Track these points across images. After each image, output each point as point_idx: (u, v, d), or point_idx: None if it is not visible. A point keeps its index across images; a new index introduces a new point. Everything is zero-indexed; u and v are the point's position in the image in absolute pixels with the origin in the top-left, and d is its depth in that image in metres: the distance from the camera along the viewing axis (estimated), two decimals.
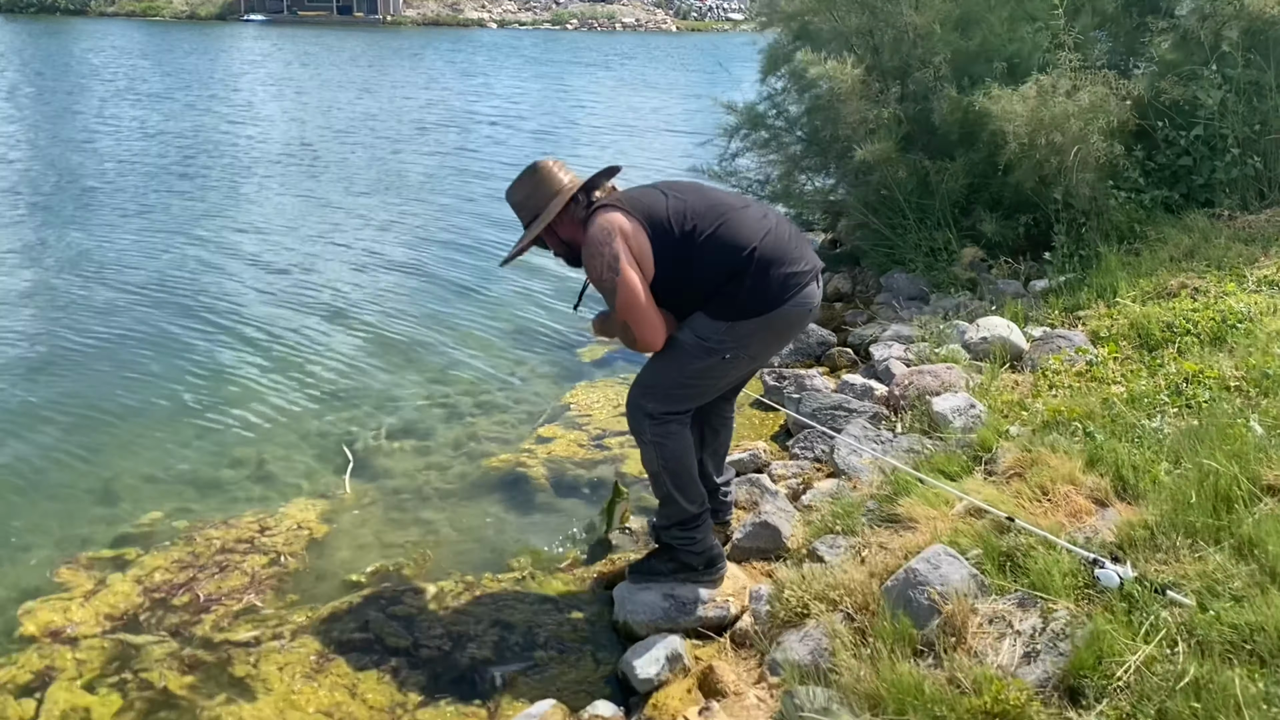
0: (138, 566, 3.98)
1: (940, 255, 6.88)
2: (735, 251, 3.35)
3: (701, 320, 3.41)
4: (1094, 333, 5.41)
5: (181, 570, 3.94)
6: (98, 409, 5.54)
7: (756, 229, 3.41)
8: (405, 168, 13.01)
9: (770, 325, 3.41)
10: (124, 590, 3.80)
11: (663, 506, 3.64)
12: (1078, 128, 6.10)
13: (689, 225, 3.39)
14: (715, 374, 3.49)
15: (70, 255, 8.57)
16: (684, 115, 18.59)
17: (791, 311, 3.41)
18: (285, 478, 4.81)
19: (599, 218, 3.40)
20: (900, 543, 3.53)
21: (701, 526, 3.60)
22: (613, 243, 3.32)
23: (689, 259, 3.38)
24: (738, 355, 3.44)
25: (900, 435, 4.54)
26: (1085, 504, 3.53)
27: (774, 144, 7.85)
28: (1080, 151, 6.21)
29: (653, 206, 3.44)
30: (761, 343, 3.48)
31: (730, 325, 3.37)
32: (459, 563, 4.07)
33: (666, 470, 3.51)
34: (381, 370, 6.19)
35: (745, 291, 3.35)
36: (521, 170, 3.56)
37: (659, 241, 3.38)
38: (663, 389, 3.47)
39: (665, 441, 3.48)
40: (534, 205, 3.52)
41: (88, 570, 3.96)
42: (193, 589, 3.81)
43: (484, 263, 8.57)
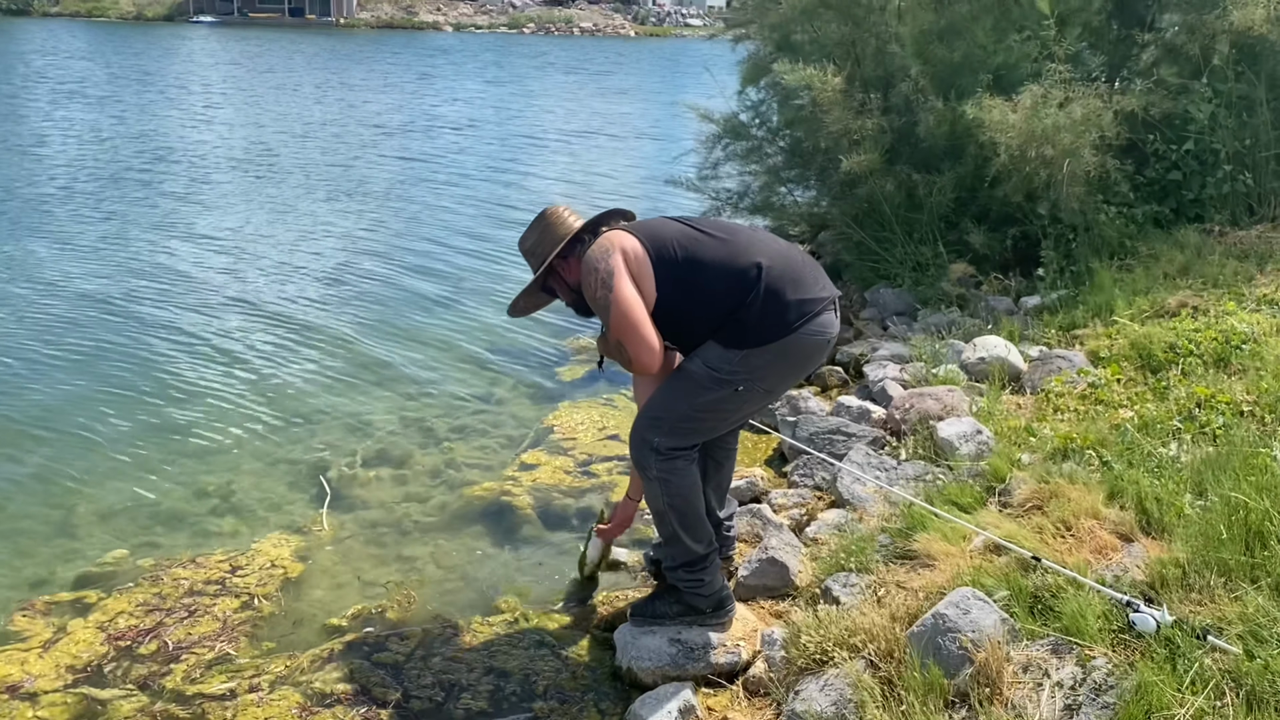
0: (100, 610, 3.69)
1: (928, 270, 6.74)
2: (740, 273, 3.16)
3: (713, 349, 3.21)
4: (1093, 353, 5.28)
5: (148, 614, 3.65)
6: (54, 431, 5.24)
7: (765, 251, 3.22)
8: (369, 174, 12.72)
9: (785, 354, 3.20)
10: (85, 638, 3.51)
11: (667, 545, 3.42)
12: (1069, 141, 5.98)
13: (694, 248, 3.21)
14: (726, 407, 3.28)
15: (21, 265, 8.21)
16: (651, 121, 18.45)
17: (807, 340, 3.20)
18: (256, 510, 4.54)
19: (600, 239, 3.23)
20: (920, 582, 3.34)
21: (710, 567, 3.38)
22: (609, 258, 3.13)
23: (692, 282, 3.18)
24: (751, 388, 3.23)
25: (905, 462, 4.36)
26: (1110, 539, 3.37)
27: (755, 154, 7.68)
28: (1071, 165, 6.09)
29: (658, 230, 3.27)
30: (777, 374, 3.27)
31: (744, 355, 3.17)
32: (445, 603, 3.82)
33: (673, 509, 3.29)
34: (352, 390, 5.93)
35: (756, 317, 3.15)
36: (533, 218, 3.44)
37: (662, 264, 3.19)
38: (670, 422, 3.26)
39: (671, 478, 3.27)
40: (542, 251, 3.35)
41: (45, 616, 3.66)
42: (160, 635, 3.53)
43: (455, 275, 8.32)
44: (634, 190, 11.54)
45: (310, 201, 11.01)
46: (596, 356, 6.31)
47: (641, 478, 3.37)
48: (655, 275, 3.18)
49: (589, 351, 6.54)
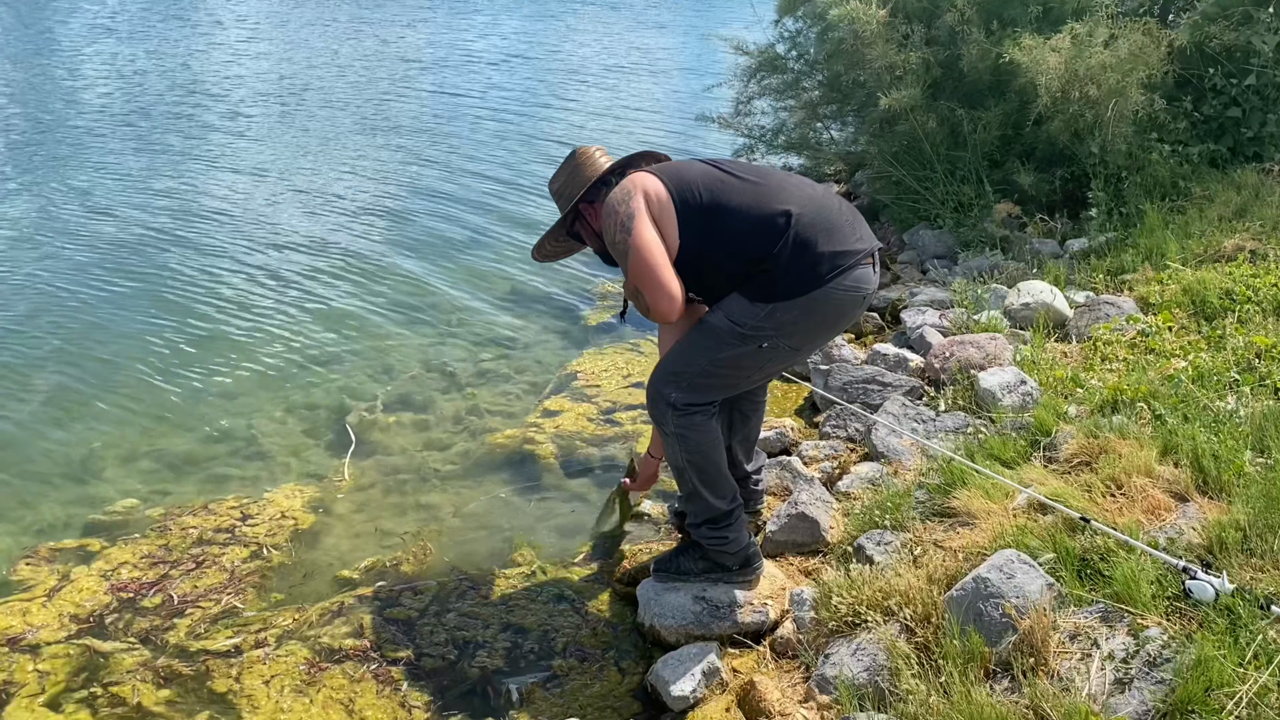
0: (103, 559, 3.60)
1: (970, 211, 6.45)
2: (769, 220, 2.93)
3: (737, 302, 2.99)
4: (1143, 299, 5.02)
5: (153, 565, 3.56)
6: (75, 369, 5.18)
7: (796, 196, 2.99)
8: (402, 109, 12.44)
9: (815, 310, 2.98)
10: (89, 587, 3.42)
11: (689, 502, 3.25)
12: (1115, 80, 5.64)
13: (720, 192, 2.99)
14: (749, 364, 3.07)
15: (48, 200, 8.09)
16: (691, 55, 17.94)
17: (841, 295, 2.98)
18: (274, 455, 4.43)
19: (622, 181, 3.03)
20: (959, 542, 3.16)
21: (734, 524, 3.21)
22: (630, 201, 2.93)
23: (717, 228, 2.97)
24: (776, 345, 3.01)
25: (944, 414, 4.16)
26: (1163, 499, 3.17)
27: (791, 89, 7.37)
28: (1118, 105, 5.77)
29: (683, 173, 3.05)
30: (805, 331, 3.04)
31: (770, 309, 2.95)
32: (463, 555, 3.69)
33: (692, 465, 3.11)
34: (375, 332, 5.79)
35: (783, 268, 2.93)
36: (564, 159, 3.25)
37: (685, 208, 2.97)
38: (688, 377, 3.05)
39: (689, 434, 3.08)
40: (570, 194, 3.18)
41: (50, 564, 3.57)
42: (166, 587, 3.43)
43: (483, 214, 8.09)
44: (670, 126, 11.22)
45: (340, 137, 10.80)
46: (618, 303, 6.17)
47: (661, 434, 3.20)
48: (678, 220, 2.97)
49: (614, 296, 6.35)
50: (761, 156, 7.62)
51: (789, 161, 8.12)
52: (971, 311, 5.10)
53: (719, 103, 8.24)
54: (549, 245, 3.39)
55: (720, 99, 8.25)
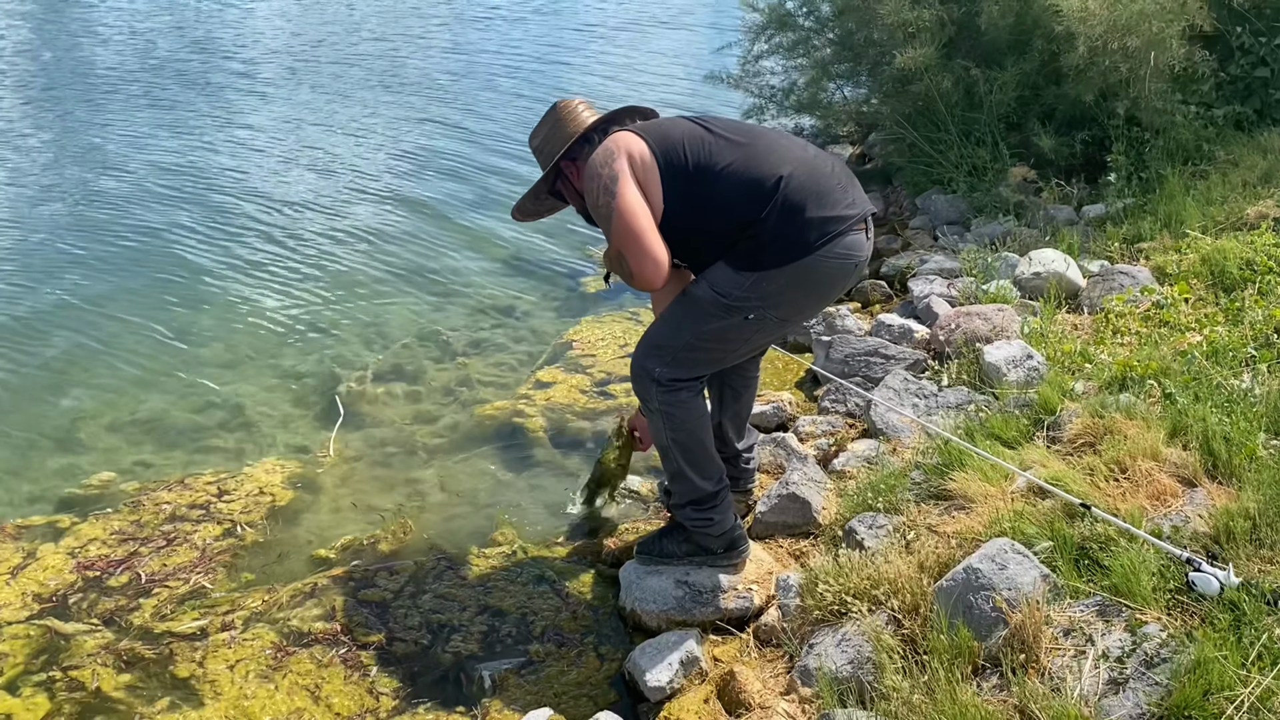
0: (73, 535, 3.51)
1: (985, 175, 6.24)
2: (757, 184, 2.78)
3: (722, 272, 2.84)
4: (1159, 268, 4.83)
5: (123, 543, 3.46)
6: (63, 332, 5.10)
7: (786, 159, 2.83)
8: (410, 70, 12.17)
9: (804, 279, 2.83)
10: (55, 565, 3.34)
11: (673, 482, 3.12)
12: (1155, 30, 5.39)
13: (705, 153, 2.83)
14: (734, 337, 2.93)
15: (44, 160, 7.99)
16: (708, 12, 17.56)
17: (830, 264, 2.82)
18: (261, 425, 4.33)
19: (604, 141, 2.87)
20: (954, 527, 3.03)
21: (719, 505, 3.08)
22: (613, 162, 2.79)
23: (703, 193, 2.82)
24: (763, 316, 2.87)
25: (946, 389, 4.00)
26: (1170, 484, 3.01)
27: (802, 47, 7.14)
28: (1157, 58, 5.51)
29: (668, 133, 2.89)
30: (792, 302, 2.89)
31: (756, 278, 2.80)
32: (444, 534, 3.59)
33: (677, 444, 2.98)
34: (370, 297, 5.67)
35: (770, 234, 2.78)
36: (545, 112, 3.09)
37: (670, 171, 2.82)
38: (672, 351, 2.92)
39: (674, 411, 2.94)
40: (550, 150, 3.03)
41: (15, 540, 3.48)
42: (134, 566, 3.34)
43: (479, 183, 7.89)
44: (681, 86, 10.95)
45: (347, 95, 10.59)
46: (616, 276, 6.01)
47: (644, 411, 3.06)
48: (663, 183, 2.82)
49: None
50: (772, 118, 7.39)
51: (800, 122, 7.89)
52: (980, 281, 4.93)
53: (731, 61, 8.01)
54: (529, 205, 3.24)
55: (732, 58, 8.02)
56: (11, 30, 13.95)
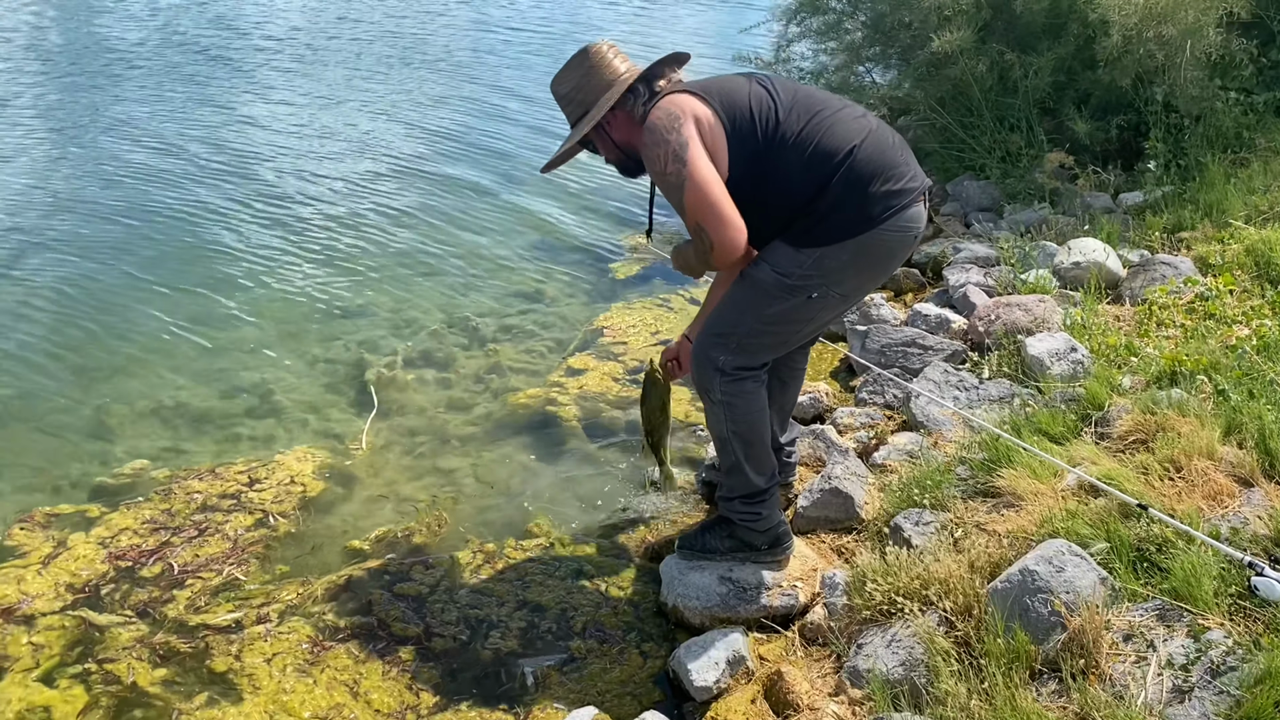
0: (104, 525, 3.46)
1: (1018, 161, 6.14)
2: (826, 157, 2.69)
3: (782, 251, 2.77)
4: (1202, 259, 4.74)
5: (154, 532, 3.41)
6: (92, 319, 5.03)
7: (853, 130, 2.74)
8: (432, 48, 12.08)
9: (866, 252, 2.76)
10: (87, 555, 3.29)
11: (727, 475, 3.06)
12: (1192, 18, 5.28)
13: (773, 121, 2.72)
14: (799, 318, 2.86)
15: (69, 141, 7.92)
16: None
17: (892, 236, 2.76)
18: (291, 413, 4.28)
19: (663, 102, 2.73)
20: (1004, 525, 2.96)
21: (769, 501, 3.02)
22: (680, 128, 2.65)
23: (769, 165, 2.72)
24: (826, 293, 2.79)
25: (988, 381, 3.93)
26: (1226, 484, 2.94)
27: (833, 31, 7.03)
28: (1194, 45, 5.40)
29: (733, 93, 2.76)
30: (855, 277, 2.83)
31: (818, 255, 2.73)
32: (478, 526, 3.53)
33: (738, 436, 2.92)
34: (398, 282, 5.60)
35: (835, 209, 2.70)
36: (570, 57, 2.89)
37: (736, 138, 2.71)
38: (737, 338, 2.84)
39: (736, 401, 2.88)
40: (583, 99, 2.85)
41: (45, 530, 3.44)
42: (166, 556, 3.29)
43: (506, 162, 7.82)
44: (707, 66, 10.86)
45: (372, 73, 10.50)
46: (648, 255, 5.95)
47: (704, 402, 2.98)
48: (729, 152, 2.72)
49: (645, 250, 6.13)
50: None
51: None
52: (1018, 270, 4.84)
53: (757, 41, 7.90)
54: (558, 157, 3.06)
55: (758, 38, 7.92)
56: (37, 9, 13.87)
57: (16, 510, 3.56)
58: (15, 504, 3.60)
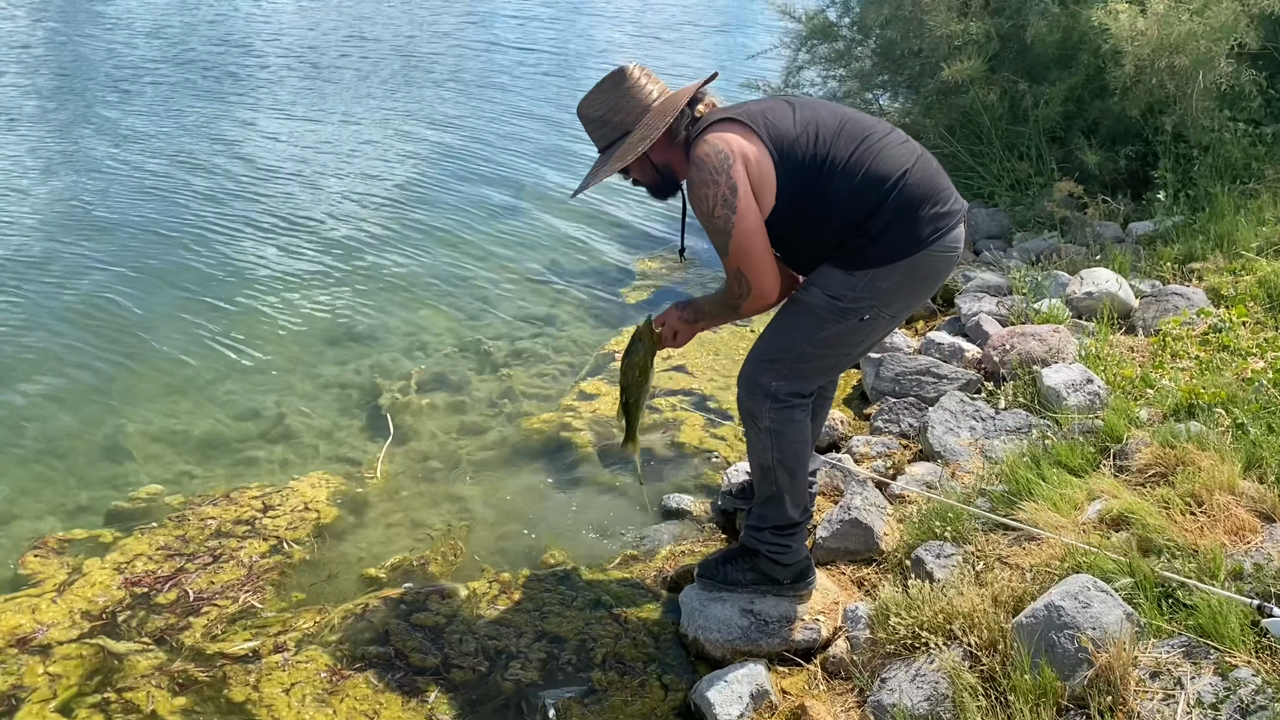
0: (118, 550, 3.43)
1: (1027, 189, 6.17)
2: (877, 183, 2.70)
3: (832, 274, 2.77)
4: (1214, 290, 4.75)
5: (168, 558, 3.39)
6: (99, 341, 5.01)
7: (902, 155, 2.76)
8: (441, 73, 12.16)
9: (915, 273, 2.78)
10: (102, 581, 3.26)
11: (762, 506, 3.04)
12: (1204, 49, 5.32)
13: (823, 148, 2.71)
14: (851, 340, 2.87)
15: (80, 158, 7.93)
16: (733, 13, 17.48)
17: (939, 257, 2.79)
18: (304, 437, 4.27)
19: (711, 136, 2.69)
20: (1027, 559, 2.95)
21: (800, 534, 3.02)
22: (730, 170, 2.63)
23: (819, 190, 2.72)
24: (877, 315, 2.81)
25: (1004, 411, 3.93)
26: (1248, 519, 2.93)
27: (843, 58, 7.07)
28: (1204, 76, 5.44)
29: (778, 122, 2.74)
30: (904, 298, 2.85)
31: (870, 277, 2.74)
32: (494, 554, 3.52)
33: (783, 466, 2.91)
34: (409, 305, 5.60)
35: (886, 231, 2.72)
36: (601, 79, 2.85)
37: (785, 168, 2.70)
38: (789, 362, 2.84)
39: (785, 430, 2.87)
40: (620, 122, 2.81)
41: (59, 556, 3.41)
42: (181, 583, 3.27)
43: (516, 184, 7.85)
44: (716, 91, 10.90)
45: (381, 95, 10.56)
46: (659, 279, 5.95)
47: (749, 429, 2.97)
48: (777, 183, 2.71)
49: (654, 274, 6.14)
50: None
51: None
52: (1031, 299, 4.85)
53: (766, 66, 7.94)
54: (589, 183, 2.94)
55: (766, 64, 7.95)
56: (43, 27, 13.92)
57: (31, 536, 3.53)
58: (30, 529, 3.57)
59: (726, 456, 4.13)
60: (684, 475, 4.03)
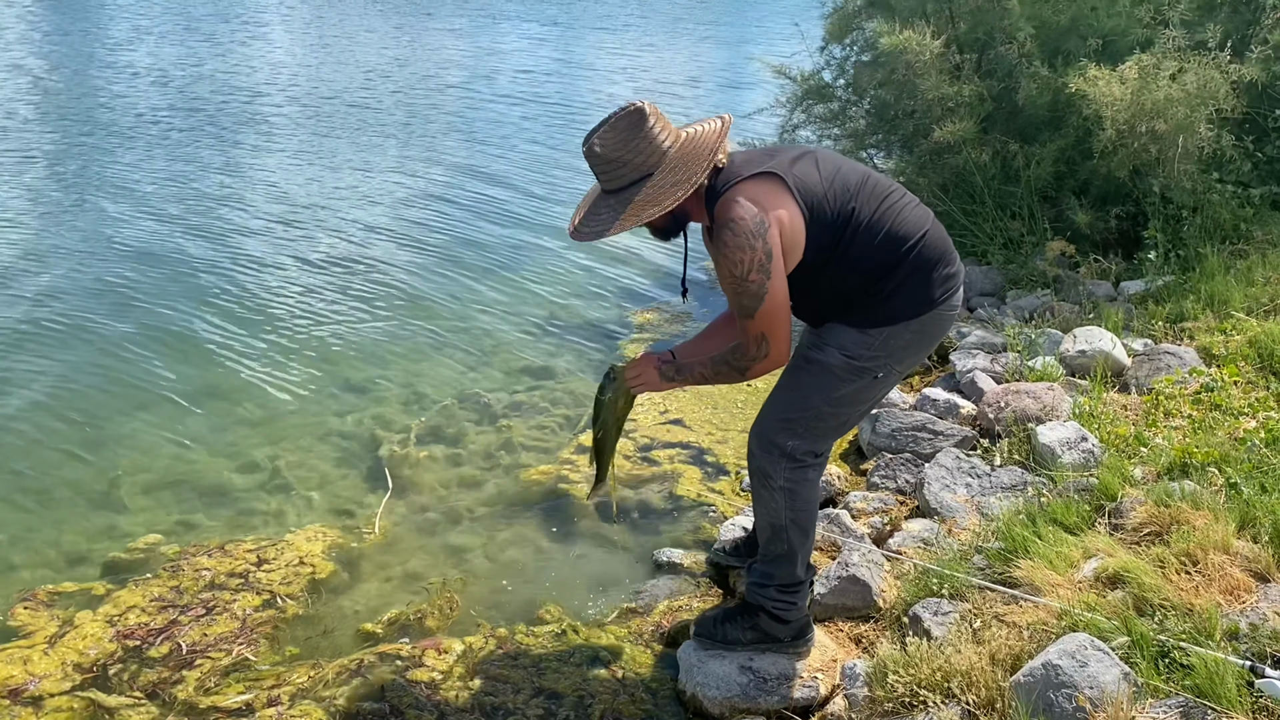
0: (111, 602, 3.42)
1: (1020, 248, 6.24)
2: (898, 242, 2.74)
3: (848, 334, 2.81)
4: (1205, 349, 4.80)
5: (161, 610, 3.38)
6: (102, 390, 5.04)
7: (919, 216, 2.82)
8: (434, 127, 12.31)
9: (924, 331, 2.85)
10: (94, 633, 3.25)
11: (769, 563, 3.04)
12: (1183, 115, 5.43)
13: (848, 206, 2.71)
14: (864, 397, 2.92)
15: (80, 210, 7.99)
16: (728, 72, 17.73)
17: (946, 316, 2.86)
18: (300, 487, 4.27)
19: (746, 195, 2.60)
20: (1024, 617, 2.96)
21: (804, 591, 3.04)
22: (767, 234, 2.57)
23: (840, 248, 2.72)
24: (889, 371, 2.86)
25: (999, 468, 3.96)
26: (1243, 578, 2.96)
27: (838, 118, 7.19)
28: (1185, 141, 5.55)
29: (806, 177, 2.70)
30: (913, 354, 2.91)
31: (885, 335, 2.79)
32: (491, 609, 3.51)
33: (796, 525, 2.93)
34: (408, 356, 5.64)
35: (900, 289, 2.76)
36: (616, 117, 2.68)
37: (815, 225, 2.68)
38: (805, 422, 2.86)
39: (799, 489, 2.90)
40: (640, 164, 2.65)
41: (49, 608, 3.39)
42: (174, 635, 3.25)
43: (511, 236, 7.93)
44: None
45: (376, 148, 10.68)
46: (655, 332, 6.00)
47: (761, 489, 2.96)
48: (805, 241, 2.70)
49: (651, 326, 6.18)
50: None
51: None
52: (1025, 357, 4.89)
53: (761, 125, 8.06)
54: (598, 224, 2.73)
55: (764, 123, 8.08)
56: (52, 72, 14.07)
57: (25, 585, 3.52)
58: (23, 580, 3.56)
59: (724, 511, 4.14)
60: (681, 529, 4.04)
